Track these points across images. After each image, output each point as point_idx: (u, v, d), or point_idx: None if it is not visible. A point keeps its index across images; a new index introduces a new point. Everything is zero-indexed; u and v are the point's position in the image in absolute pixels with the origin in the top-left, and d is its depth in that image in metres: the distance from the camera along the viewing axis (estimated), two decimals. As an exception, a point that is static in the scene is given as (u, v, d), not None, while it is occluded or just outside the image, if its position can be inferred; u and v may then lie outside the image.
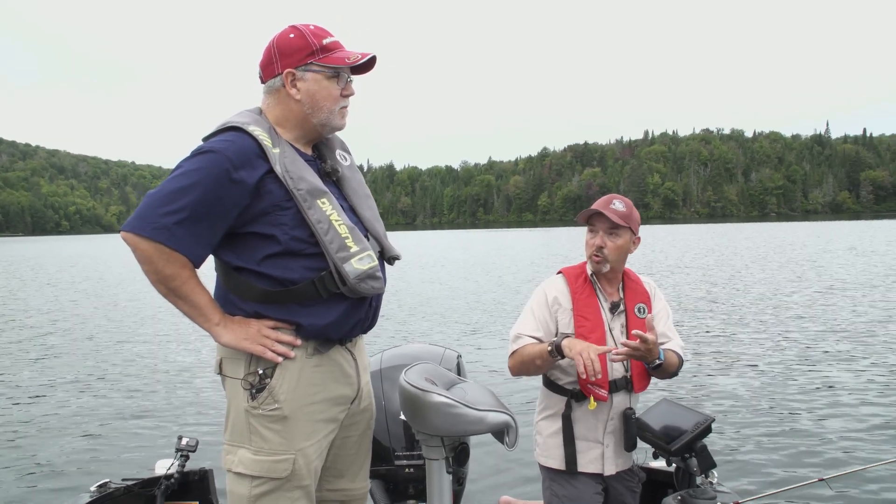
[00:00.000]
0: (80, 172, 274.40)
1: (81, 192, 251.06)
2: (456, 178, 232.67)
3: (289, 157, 1.92)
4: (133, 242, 1.79)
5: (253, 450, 1.89)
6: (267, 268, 1.88)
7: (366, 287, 1.93)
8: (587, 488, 2.52)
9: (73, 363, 9.43)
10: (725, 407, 6.29)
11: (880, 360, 8.06)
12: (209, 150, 1.83)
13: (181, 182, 1.80)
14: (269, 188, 1.87)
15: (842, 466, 4.60)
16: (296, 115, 1.98)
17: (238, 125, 1.90)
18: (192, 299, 1.86)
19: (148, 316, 14.35)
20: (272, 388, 1.89)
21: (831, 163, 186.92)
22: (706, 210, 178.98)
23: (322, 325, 1.93)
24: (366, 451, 2.21)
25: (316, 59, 1.95)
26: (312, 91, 1.96)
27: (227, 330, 1.88)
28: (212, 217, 1.82)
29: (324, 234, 1.88)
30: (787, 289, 16.05)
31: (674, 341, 2.57)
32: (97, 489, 2.78)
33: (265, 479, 1.88)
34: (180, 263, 1.81)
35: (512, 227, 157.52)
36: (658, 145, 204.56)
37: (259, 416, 1.89)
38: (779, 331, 10.40)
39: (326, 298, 1.92)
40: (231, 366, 1.94)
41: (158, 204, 1.78)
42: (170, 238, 1.77)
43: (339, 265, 1.89)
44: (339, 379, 2.01)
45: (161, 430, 6.06)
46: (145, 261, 1.80)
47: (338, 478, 2.13)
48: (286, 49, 1.95)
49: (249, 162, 1.85)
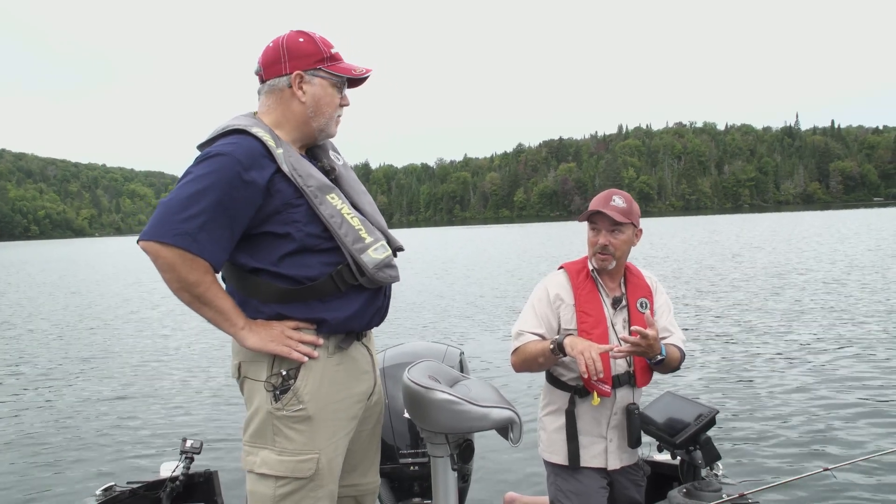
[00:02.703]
0: (49, 176, 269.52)
1: (51, 196, 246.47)
2: (432, 175, 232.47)
3: (293, 156, 1.93)
4: (154, 251, 1.76)
5: (277, 450, 1.90)
6: (285, 267, 1.89)
7: (384, 276, 1.97)
8: (592, 483, 2.53)
9: (76, 367, 9.37)
10: (729, 399, 6.29)
11: (885, 349, 8.09)
12: (217, 153, 1.82)
13: (195, 187, 1.78)
14: (278, 187, 1.87)
15: (846, 456, 4.60)
16: (297, 117, 1.99)
17: (241, 127, 1.89)
18: (216, 304, 1.85)
19: (152, 318, 14.30)
20: (297, 389, 1.89)
21: (801, 154, 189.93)
22: (681, 203, 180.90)
23: (344, 318, 1.95)
24: (377, 445, 2.23)
25: (325, 66, 1.98)
26: (318, 96, 1.98)
27: (252, 333, 1.88)
28: (229, 220, 1.81)
29: (338, 228, 1.90)
30: (789, 278, 16.14)
31: (675, 336, 2.59)
32: (102, 493, 2.78)
33: (290, 479, 1.89)
34: (203, 269, 1.80)
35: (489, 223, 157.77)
36: (632, 139, 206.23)
37: (283, 417, 1.89)
38: (781, 320, 10.44)
39: (345, 291, 1.94)
40: (252, 368, 1.94)
41: (175, 210, 1.76)
42: (192, 243, 1.76)
43: (357, 256, 1.92)
44: (359, 375, 2.04)
45: (166, 433, 6.04)
46: (168, 269, 1.77)
47: (350, 472, 2.13)
48: (297, 51, 1.96)
49: (258, 162, 1.85)
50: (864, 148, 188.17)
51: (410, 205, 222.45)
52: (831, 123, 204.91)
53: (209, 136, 1.94)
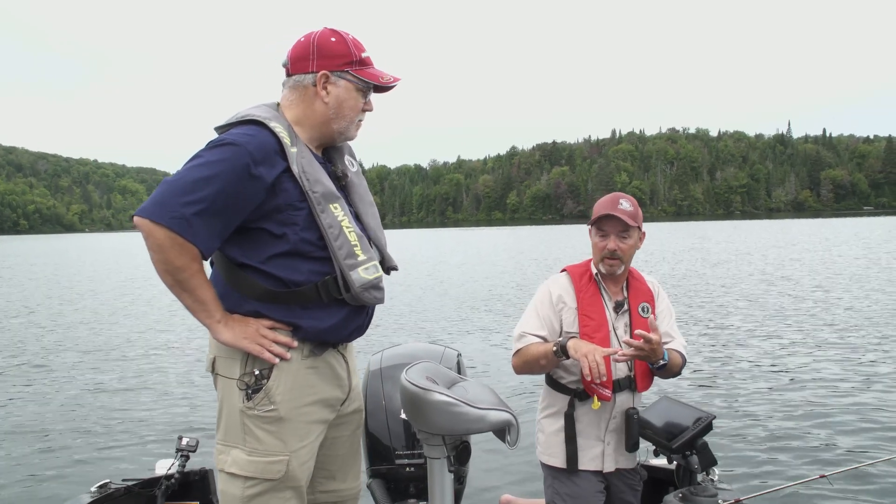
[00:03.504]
0: (40, 170, 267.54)
1: (41, 191, 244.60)
2: (425, 176, 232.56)
3: (306, 157, 1.91)
4: (147, 229, 1.74)
5: (247, 450, 1.88)
6: (272, 267, 1.87)
7: (368, 296, 1.94)
8: (589, 486, 2.53)
9: (72, 363, 9.32)
10: (726, 404, 6.31)
11: (882, 356, 8.14)
12: (231, 142, 1.80)
13: (202, 172, 1.76)
14: (284, 186, 1.85)
15: (843, 463, 4.60)
16: (318, 116, 1.97)
17: (259, 119, 1.87)
18: (197, 293, 1.83)
19: (148, 315, 14.22)
20: (269, 390, 1.87)
21: (793, 162, 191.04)
22: (673, 208, 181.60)
23: (322, 329, 1.93)
24: (356, 452, 2.22)
25: (353, 70, 1.95)
26: (342, 98, 1.96)
27: (227, 327, 1.86)
28: (228, 211, 1.79)
29: (334, 240, 1.88)
30: (785, 285, 16.23)
31: (676, 341, 2.59)
32: (97, 489, 2.77)
33: (259, 479, 1.87)
34: (191, 255, 1.78)
35: (481, 225, 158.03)
36: (625, 144, 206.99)
37: (254, 416, 1.88)
38: (778, 326, 10.50)
39: (327, 303, 1.92)
40: (225, 365, 1.93)
41: (178, 193, 1.74)
42: (187, 229, 1.74)
43: (346, 272, 1.89)
44: (332, 381, 2.01)
45: (161, 430, 6.02)
46: (157, 249, 1.75)
47: (329, 479, 2.13)
48: (327, 51, 1.94)
49: (269, 158, 1.83)
50: (854, 157, 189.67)
51: (403, 206, 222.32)
52: (823, 132, 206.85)
53: (227, 120, 1.92)
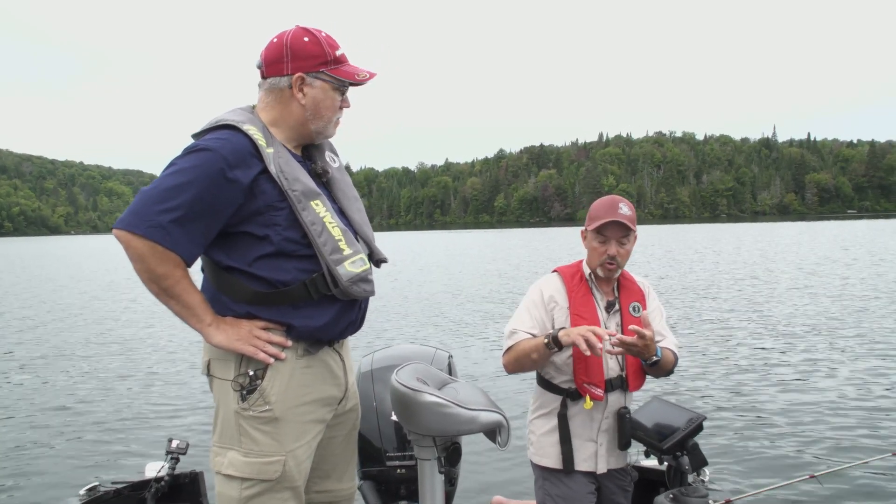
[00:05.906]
0: (24, 172, 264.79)
1: (26, 193, 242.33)
2: (413, 179, 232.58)
3: (283, 157, 1.90)
4: (126, 240, 1.75)
5: (243, 452, 1.87)
6: (258, 269, 1.87)
7: (358, 290, 1.94)
8: (580, 487, 2.53)
9: (61, 366, 9.25)
10: (716, 405, 6.34)
11: (869, 358, 8.19)
12: (204, 148, 1.80)
13: (176, 180, 1.76)
14: (263, 188, 1.85)
15: (832, 464, 4.64)
16: (295, 118, 1.97)
17: (232, 123, 1.87)
18: (184, 299, 1.83)
19: (137, 317, 14.14)
20: (263, 390, 1.87)
21: (778, 165, 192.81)
22: (659, 211, 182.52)
23: (315, 327, 1.93)
24: (352, 452, 2.21)
25: (328, 69, 1.95)
26: (318, 99, 1.96)
27: (219, 330, 1.86)
28: (206, 216, 1.79)
29: (317, 236, 1.88)
30: (775, 287, 16.33)
31: (668, 339, 2.59)
32: (86, 493, 2.76)
33: (256, 480, 1.87)
34: (173, 263, 1.78)
35: (469, 228, 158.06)
36: (612, 147, 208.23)
37: (249, 417, 1.87)
38: (768, 328, 10.56)
39: (317, 300, 1.92)
40: (220, 367, 1.92)
41: (153, 201, 1.74)
42: (165, 237, 1.74)
43: (333, 267, 1.89)
44: (328, 380, 2.01)
45: (151, 433, 5.99)
46: (138, 259, 1.76)
47: (324, 479, 2.12)
48: (300, 52, 1.93)
49: (244, 161, 1.83)
50: (838, 161, 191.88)
51: (391, 208, 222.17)
52: (807, 136, 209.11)
53: (203, 127, 1.91)
